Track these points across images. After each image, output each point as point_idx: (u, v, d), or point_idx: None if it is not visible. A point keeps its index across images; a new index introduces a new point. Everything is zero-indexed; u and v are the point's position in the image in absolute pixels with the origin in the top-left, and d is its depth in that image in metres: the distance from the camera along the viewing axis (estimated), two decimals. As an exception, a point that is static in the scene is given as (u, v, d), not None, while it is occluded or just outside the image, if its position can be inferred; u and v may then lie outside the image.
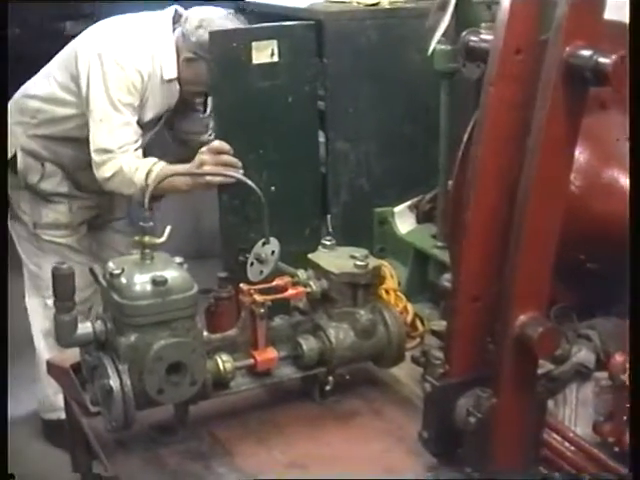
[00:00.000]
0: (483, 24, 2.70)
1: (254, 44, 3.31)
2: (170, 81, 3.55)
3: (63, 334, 2.12)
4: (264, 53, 3.34)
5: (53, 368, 2.61)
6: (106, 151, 3.39)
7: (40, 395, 4.02)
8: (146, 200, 2.18)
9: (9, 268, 2.39)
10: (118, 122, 3.41)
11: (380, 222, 3.37)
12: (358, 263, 2.34)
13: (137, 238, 2.16)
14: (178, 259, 2.19)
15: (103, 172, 3.41)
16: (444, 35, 3.03)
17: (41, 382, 3.93)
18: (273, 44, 3.35)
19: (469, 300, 2.03)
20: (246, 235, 3.18)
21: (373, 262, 2.40)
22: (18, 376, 4.02)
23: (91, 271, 2.25)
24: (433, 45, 3.05)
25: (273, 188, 2.41)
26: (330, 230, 3.41)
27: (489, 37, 2.28)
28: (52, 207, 3.76)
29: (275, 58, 3.36)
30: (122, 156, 3.37)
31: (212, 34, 3.33)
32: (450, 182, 3.00)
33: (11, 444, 2.50)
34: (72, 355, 2.39)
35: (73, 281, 2.10)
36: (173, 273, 2.12)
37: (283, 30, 3.42)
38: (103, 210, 3.93)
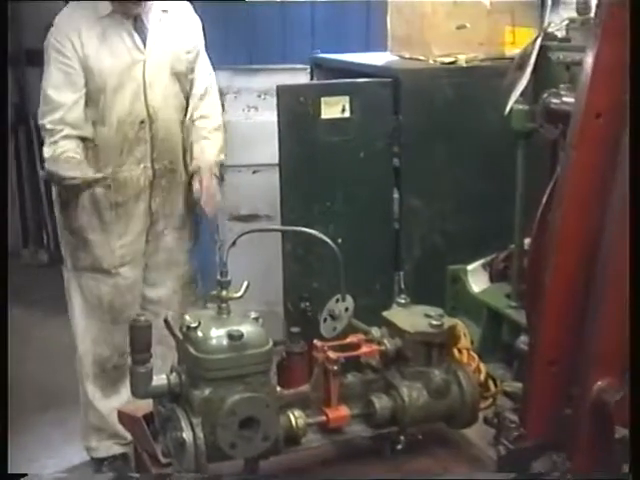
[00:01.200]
0: (562, 85, 2.71)
1: (323, 99, 3.35)
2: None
3: (138, 385, 2.14)
4: (334, 108, 3.37)
5: (124, 417, 2.62)
6: None
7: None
8: (225, 255, 2.20)
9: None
10: None
11: (453, 280, 3.35)
12: (433, 322, 2.32)
13: (214, 292, 2.17)
14: (253, 314, 2.20)
15: None
16: (522, 95, 3.02)
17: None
18: (345, 100, 3.38)
19: (546, 363, 2.02)
20: (309, 284, 3.20)
21: (448, 321, 2.38)
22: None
23: (166, 322, 2.26)
24: (510, 104, 3.04)
25: (340, 240, 2.43)
26: (402, 287, 3.40)
27: (570, 100, 2.28)
28: None
29: (347, 114, 3.39)
30: None
31: (280, 88, 3.38)
32: (526, 241, 3.00)
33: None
34: (144, 405, 2.40)
35: (150, 333, 2.12)
36: (249, 328, 2.13)
37: (357, 87, 3.46)
38: None
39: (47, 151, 3.50)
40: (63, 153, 3.46)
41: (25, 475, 2.20)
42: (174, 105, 3.69)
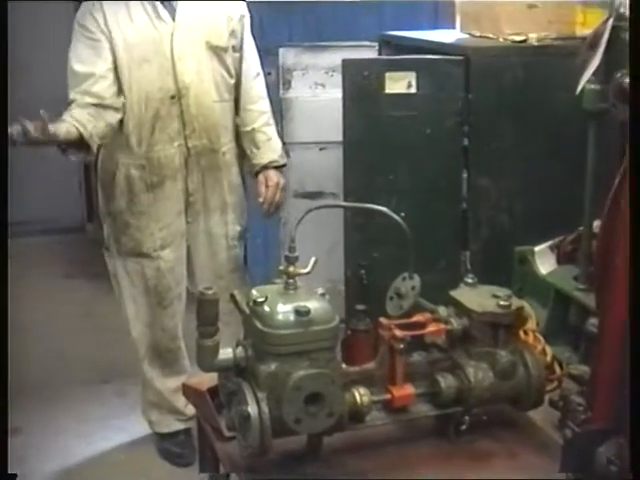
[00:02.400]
0: (635, 65, 2.66)
1: (388, 74, 3.34)
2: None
3: (204, 359, 2.15)
4: (399, 84, 3.36)
5: (189, 390, 2.63)
6: None
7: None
8: (293, 231, 2.19)
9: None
10: None
11: (520, 261, 3.32)
12: (501, 303, 2.30)
13: (281, 267, 2.17)
14: (320, 290, 2.20)
15: None
16: (593, 74, 2.98)
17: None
18: (411, 76, 3.36)
19: (616, 347, 1.98)
20: (369, 253, 3.20)
21: (516, 302, 2.36)
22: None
23: (232, 296, 2.26)
24: (582, 84, 3.00)
25: (403, 214, 2.42)
26: (468, 267, 3.38)
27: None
28: None
29: (412, 90, 3.37)
30: None
31: (345, 62, 3.37)
32: (595, 224, 2.96)
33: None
34: (208, 379, 2.41)
35: (217, 306, 2.13)
36: (316, 304, 2.12)
37: (424, 63, 3.43)
38: None
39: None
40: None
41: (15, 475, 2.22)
42: (210, 81, 3.57)
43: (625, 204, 1.96)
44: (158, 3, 3.47)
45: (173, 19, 3.48)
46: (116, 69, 3.46)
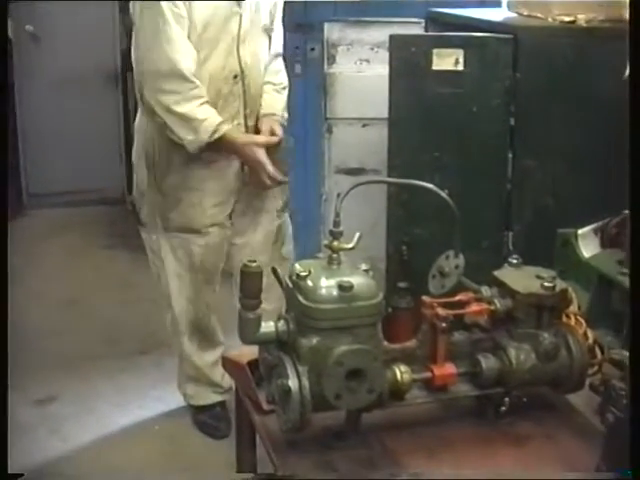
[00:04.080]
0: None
1: (435, 51, 3.32)
2: None
3: (246, 331, 2.14)
4: (447, 61, 3.34)
5: (228, 363, 2.63)
6: None
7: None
8: (338, 206, 2.18)
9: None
10: None
11: (563, 244, 3.28)
12: (545, 284, 2.28)
13: (326, 242, 2.16)
14: (364, 266, 2.19)
15: None
16: (643, 57, 2.94)
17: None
18: (459, 53, 3.34)
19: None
20: (411, 229, 3.19)
21: (560, 284, 2.34)
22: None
23: (273, 270, 2.26)
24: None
25: (446, 191, 2.41)
26: (511, 247, 3.36)
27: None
28: None
29: (460, 67, 3.35)
30: None
31: (393, 37, 3.37)
32: (642, 208, 2.92)
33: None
34: (248, 352, 2.41)
35: (261, 279, 2.12)
36: (359, 279, 2.11)
37: (473, 41, 3.41)
38: None
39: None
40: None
41: (22, 475, 2.23)
42: (263, 60, 3.67)
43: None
44: None
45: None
46: None
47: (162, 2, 3.40)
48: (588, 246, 3.23)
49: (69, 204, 7.14)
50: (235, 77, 3.56)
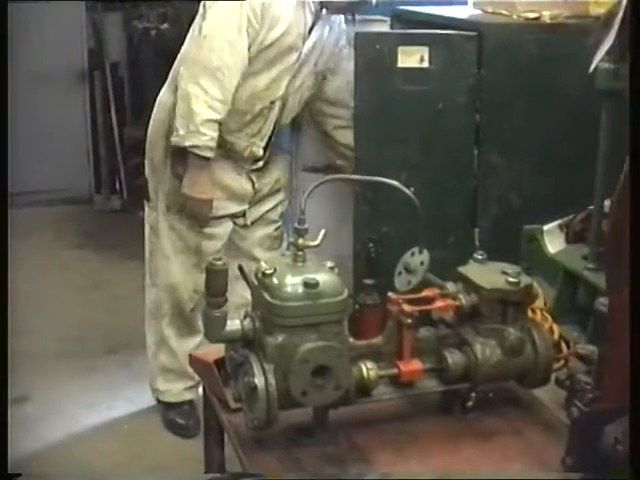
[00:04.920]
0: (651, 45, 2.64)
1: (401, 48, 3.33)
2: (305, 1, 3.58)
3: (212, 329, 2.15)
4: (412, 58, 3.35)
5: (196, 362, 2.63)
6: None
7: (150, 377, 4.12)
8: (303, 202, 2.18)
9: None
10: None
11: (528, 240, 3.31)
12: (510, 280, 2.30)
13: (291, 240, 2.17)
14: (329, 263, 2.20)
15: None
16: (607, 53, 2.96)
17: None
18: (424, 50, 3.35)
19: (625, 326, 1.97)
20: (378, 227, 3.21)
21: (525, 280, 2.35)
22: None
23: (240, 268, 2.26)
24: (595, 63, 2.98)
25: (412, 189, 2.43)
26: (477, 244, 3.37)
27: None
28: None
29: (425, 64, 3.36)
30: None
31: (358, 35, 3.38)
32: (605, 203, 2.94)
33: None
34: (215, 350, 2.41)
35: (226, 277, 2.12)
36: (325, 277, 2.12)
37: (438, 38, 3.42)
38: None
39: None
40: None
41: (19, 475, 2.23)
42: (305, 97, 3.81)
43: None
44: None
45: None
46: None
47: (244, 4, 3.44)
48: (554, 242, 3.26)
49: (36, 203, 7.10)
50: (272, 102, 3.65)
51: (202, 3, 3.53)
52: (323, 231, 2.18)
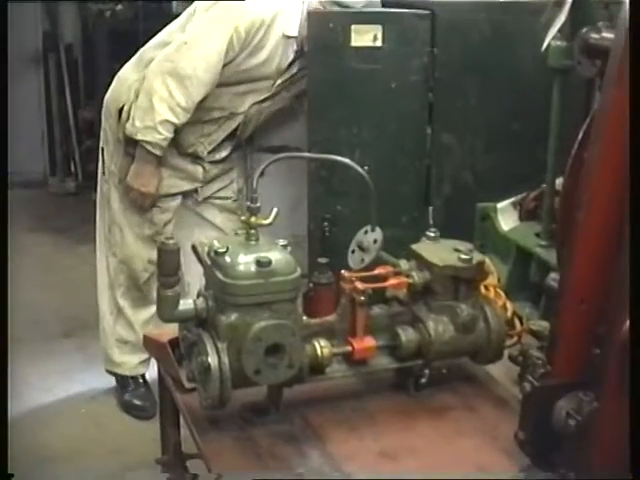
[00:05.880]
0: (600, 23, 2.66)
1: (354, 27, 3.33)
2: (289, 38, 3.59)
3: (165, 309, 2.13)
4: (365, 37, 3.35)
5: (150, 342, 2.62)
6: None
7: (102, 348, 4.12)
8: (255, 181, 2.18)
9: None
10: None
11: (482, 218, 3.32)
12: (462, 257, 2.30)
13: (243, 218, 2.16)
14: (282, 241, 2.19)
15: None
16: (559, 31, 2.97)
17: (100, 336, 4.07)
18: (377, 29, 3.36)
19: (576, 302, 1.99)
20: (332, 205, 3.22)
21: (477, 257, 2.36)
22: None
23: (193, 248, 2.25)
24: (547, 41, 2.99)
25: (366, 168, 2.43)
26: (431, 222, 3.39)
27: (610, 35, 2.24)
28: None
29: (378, 43, 3.36)
30: None
31: (310, 13, 3.38)
32: (557, 181, 2.97)
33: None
34: (169, 330, 2.40)
35: (178, 257, 2.12)
36: (277, 255, 2.11)
37: (390, 17, 3.43)
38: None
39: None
40: None
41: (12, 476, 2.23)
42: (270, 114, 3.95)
43: (590, 158, 1.97)
44: None
45: None
46: None
47: (233, 24, 3.47)
48: (507, 219, 3.28)
49: (-12, 187, 7.03)
50: (232, 114, 3.75)
51: (195, 2, 3.54)
52: (275, 209, 2.18)
